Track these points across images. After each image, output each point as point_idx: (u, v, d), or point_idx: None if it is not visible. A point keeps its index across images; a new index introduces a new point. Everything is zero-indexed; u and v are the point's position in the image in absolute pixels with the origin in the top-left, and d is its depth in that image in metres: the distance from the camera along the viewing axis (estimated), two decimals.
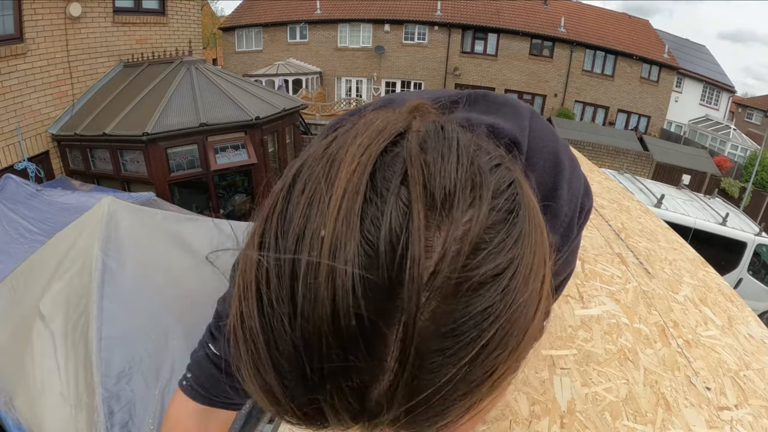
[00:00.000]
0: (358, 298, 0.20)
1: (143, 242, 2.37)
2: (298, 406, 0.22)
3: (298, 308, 0.21)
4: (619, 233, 2.18)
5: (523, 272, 0.24)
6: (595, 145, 13.51)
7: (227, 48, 21.65)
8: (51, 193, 3.74)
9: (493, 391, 0.25)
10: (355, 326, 0.20)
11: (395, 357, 0.21)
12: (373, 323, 0.20)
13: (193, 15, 7.28)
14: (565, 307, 1.46)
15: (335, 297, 0.20)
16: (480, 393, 0.24)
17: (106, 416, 1.59)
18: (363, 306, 0.20)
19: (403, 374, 0.21)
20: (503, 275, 0.23)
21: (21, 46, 4.72)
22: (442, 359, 0.21)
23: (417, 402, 0.22)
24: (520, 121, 0.48)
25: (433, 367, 0.22)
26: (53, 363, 1.83)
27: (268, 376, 0.22)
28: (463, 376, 0.22)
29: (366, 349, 0.21)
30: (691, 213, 5.84)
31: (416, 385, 0.21)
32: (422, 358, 0.21)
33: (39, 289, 2.19)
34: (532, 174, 0.45)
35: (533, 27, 18.43)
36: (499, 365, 0.24)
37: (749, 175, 14.00)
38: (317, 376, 0.21)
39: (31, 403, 1.78)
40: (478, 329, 0.22)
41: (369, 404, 0.22)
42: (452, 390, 0.22)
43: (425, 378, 0.22)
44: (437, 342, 0.21)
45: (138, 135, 4.83)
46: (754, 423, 1.10)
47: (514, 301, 0.23)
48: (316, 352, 0.21)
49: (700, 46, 22.17)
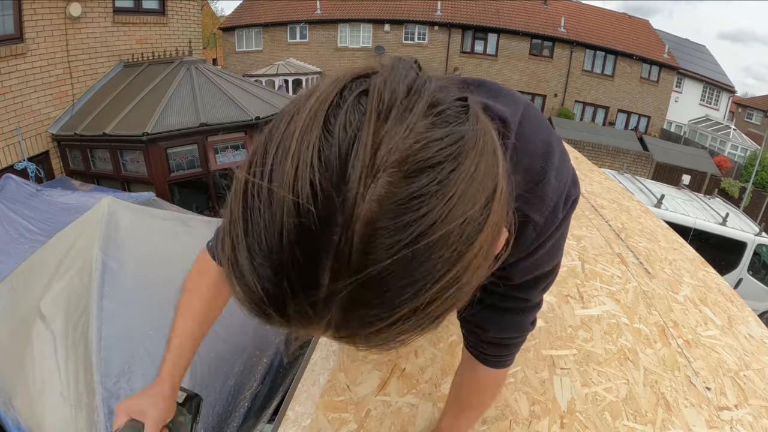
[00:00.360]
0: (315, 179, 0.24)
1: (143, 242, 2.38)
2: (263, 285, 0.26)
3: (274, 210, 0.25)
4: (619, 233, 2.18)
5: (462, 174, 0.26)
6: (595, 145, 13.49)
7: (227, 48, 21.64)
8: (51, 193, 3.74)
9: (437, 302, 0.27)
10: (311, 204, 0.24)
11: (342, 225, 0.24)
12: (327, 196, 0.24)
13: (193, 15, 7.28)
14: (565, 307, 1.46)
15: (295, 183, 0.24)
16: (423, 293, 0.26)
17: (105, 416, 1.59)
18: (318, 180, 0.24)
19: (350, 246, 0.24)
20: (441, 167, 0.26)
21: (21, 46, 4.72)
22: (383, 239, 0.24)
23: (363, 280, 0.24)
24: (515, 108, 0.51)
25: (376, 244, 0.24)
26: (53, 363, 1.83)
27: (242, 256, 0.26)
28: (405, 262, 0.25)
29: (319, 222, 0.24)
30: (691, 213, 5.83)
31: (360, 259, 0.24)
32: (365, 232, 0.24)
33: (39, 289, 2.19)
34: (523, 158, 0.48)
35: (533, 27, 18.43)
36: (440, 264, 0.26)
37: (749, 175, 14.00)
38: (280, 250, 0.25)
39: (30, 403, 1.78)
40: (416, 213, 0.25)
41: (321, 277, 0.25)
42: (395, 275, 0.25)
43: (369, 252, 0.24)
44: (379, 219, 0.24)
45: (138, 135, 4.83)
46: (754, 423, 1.10)
47: (452, 195, 0.26)
48: (278, 231, 0.25)
49: (700, 46, 22.16)
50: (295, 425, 0.95)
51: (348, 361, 1.13)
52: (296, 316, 0.27)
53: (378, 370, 1.11)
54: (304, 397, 1.02)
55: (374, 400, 1.02)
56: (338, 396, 1.02)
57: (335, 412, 0.98)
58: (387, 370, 1.11)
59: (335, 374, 1.09)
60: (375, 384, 1.06)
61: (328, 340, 1.21)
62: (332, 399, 1.02)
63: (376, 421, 0.97)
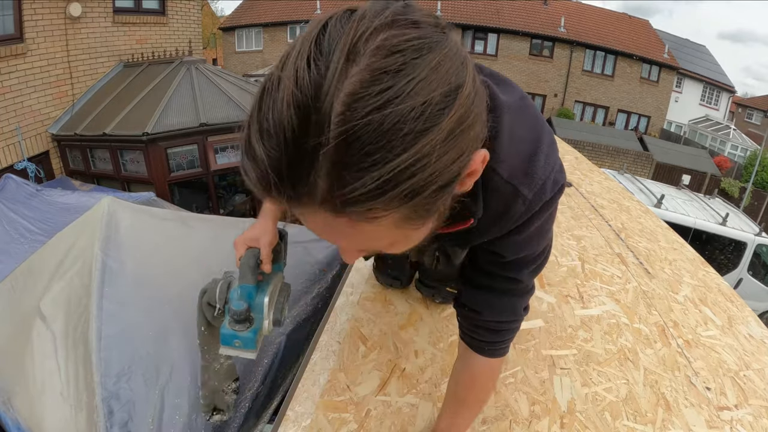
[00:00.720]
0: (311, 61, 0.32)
1: (143, 242, 2.37)
2: (268, 153, 0.32)
3: (279, 93, 0.32)
4: (619, 233, 2.18)
5: (425, 62, 0.33)
6: (595, 145, 13.48)
7: (227, 48, 21.64)
8: (51, 193, 3.74)
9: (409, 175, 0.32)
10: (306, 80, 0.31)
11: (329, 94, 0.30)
12: (318, 74, 0.31)
13: (193, 15, 7.28)
14: (565, 307, 1.46)
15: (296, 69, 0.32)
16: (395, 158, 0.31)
17: (105, 416, 1.59)
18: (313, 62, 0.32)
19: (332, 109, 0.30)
20: (406, 54, 0.32)
21: (21, 46, 4.72)
22: (359, 103, 0.30)
23: (343, 137, 0.30)
24: (513, 95, 0.57)
25: (352, 107, 0.30)
26: (54, 363, 1.83)
27: (253, 131, 0.33)
28: (376, 125, 0.30)
29: (312, 91, 0.31)
30: (691, 213, 5.83)
31: (341, 118, 0.30)
32: (345, 99, 0.30)
33: (39, 289, 2.19)
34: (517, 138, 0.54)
35: (533, 27, 18.43)
36: (408, 133, 0.31)
37: (749, 175, 14.00)
38: (281, 118, 0.31)
39: (30, 403, 1.77)
40: (384, 84, 0.31)
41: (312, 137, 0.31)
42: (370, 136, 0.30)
43: (347, 113, 0.30)
44: (355, 90, 0.30)
45: (138, 135, 4.82)
46: (754, 423, 1.10)
47: (414, 77, 0.31)
48: (282, 102, 0.31)
49: (700, 46, 22.16)
50: (295, 425, 0.95)
51: (348, 361, 1.13)
52: (291, 181, 0.33)
53: (378, 370, 1.11)
54: (304, 397, 1.02)
55: (374, 400, 1.02)
56: (338, 396, 1.03)
57: (335, 412, 0.98)
58: (387, 370, 1.11)
59: (335, 374, 1.09)
60: (375, 384, 1.07)
61: (328, 341, 1.21)
62: (332, 399, 1.02)
63: (376, 421, 0.97)
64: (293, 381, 1.10)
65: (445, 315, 1.34)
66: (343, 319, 1.30)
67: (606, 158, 13.24)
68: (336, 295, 1.45)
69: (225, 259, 2.58)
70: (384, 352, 1.17)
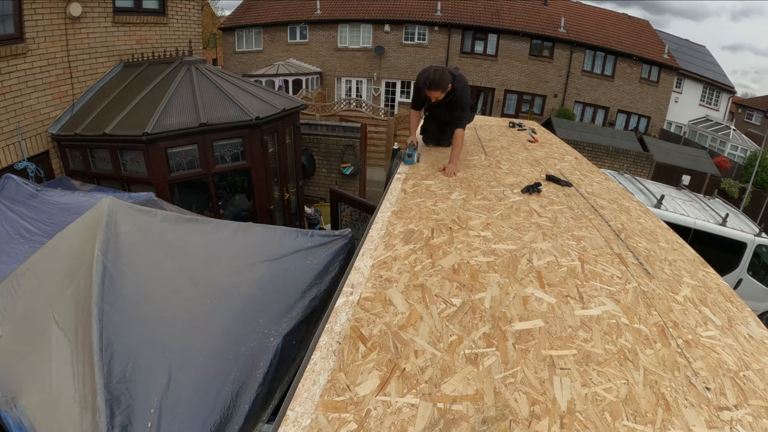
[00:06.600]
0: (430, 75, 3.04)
1: (143, 243, 2.37)
2: (427, 81, 3.02)
3: (426, 75, 3.08)
4: (619, 234, 2.18)
5: (457, 79, 3.18)
6: (595, 146, 13.48)
7: (227, 48, 21.64)
8: (51, 193, 3.74)
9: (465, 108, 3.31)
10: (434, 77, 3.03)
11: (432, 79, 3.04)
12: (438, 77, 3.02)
13: (193, 15, 7.28)
14: (565, 308, 1.46)
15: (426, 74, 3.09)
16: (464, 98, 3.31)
17: (107, 417, 1.59)
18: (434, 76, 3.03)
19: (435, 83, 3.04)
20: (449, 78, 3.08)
21: (21, 46, 4.71)
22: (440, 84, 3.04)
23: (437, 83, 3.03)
24: (461, 76, 3.28)
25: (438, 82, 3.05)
26: (69, 368, 1.84)
27: (422, 78, 3.11)
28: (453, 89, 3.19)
29: (434, 76, 3.02)
30: (691, 213, 5.83)
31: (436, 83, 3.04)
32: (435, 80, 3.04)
33: (50, 293, 2.18)
34: (459, 81, 3.20)
35: (533, 27, 18.43)
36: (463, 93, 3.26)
37: (749, 175, 14.00)
38: (425, 78, 3.07)
39: (44, 407, 1.78)
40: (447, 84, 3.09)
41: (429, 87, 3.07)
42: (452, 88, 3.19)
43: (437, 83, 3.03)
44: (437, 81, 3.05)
45: (138, 135, 4.82)
46: (754, 423, 1.10)
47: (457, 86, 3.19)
48: (425, 76, 3.07)
49: (699, 46, 22.18)
50: (295, 425, 0.95)
51: (348, 361, 1.13)
52: (432, 86, 3.02)
53: (378, 370, 1.11)
54: (304, 397, 1.02)
55: (374, 400, 1.02)
56: (338, 396, 1.03)
57: (335, 412, 0.99)
58: (387, 370, 1.11)
59: (335, 374, 1.09)
60: (375, 384, 1.07)
61: (327, 341, 1.21)
62: (332, 399, 1.02)
63: (376, 421, 0.97)
64: (293, 381, 1.10)
65: (445, 315, 1.34)
66: (343, 319, 1.30)
67: (606, 159, 13.24)
68: (336, 295, 1.45)
69: (224, 260, 2.57)
70: (384, 352, 1.17)
